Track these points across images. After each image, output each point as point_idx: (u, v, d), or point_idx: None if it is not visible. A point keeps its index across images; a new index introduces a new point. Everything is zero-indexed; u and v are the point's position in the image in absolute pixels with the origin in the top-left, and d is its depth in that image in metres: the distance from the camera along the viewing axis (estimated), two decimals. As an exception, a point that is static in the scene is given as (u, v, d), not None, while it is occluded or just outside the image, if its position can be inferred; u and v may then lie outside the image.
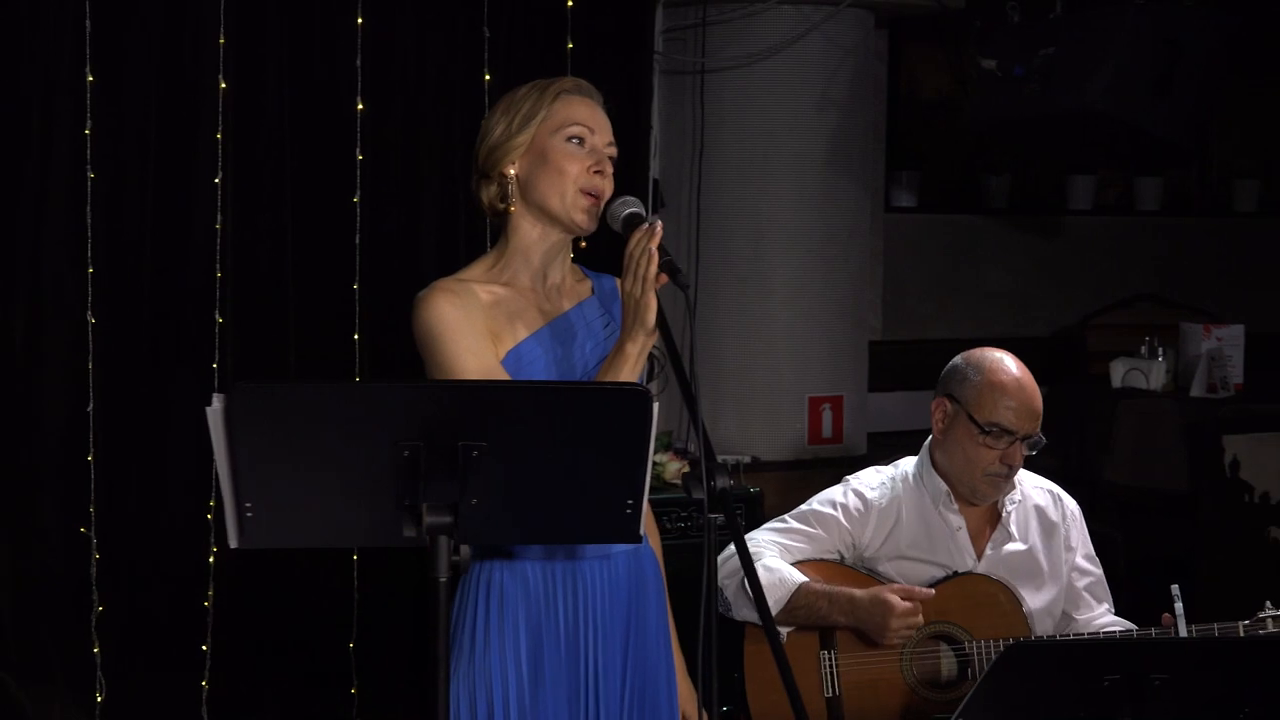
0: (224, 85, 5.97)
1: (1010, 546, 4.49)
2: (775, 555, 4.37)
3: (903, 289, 8.26)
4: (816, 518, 4.47)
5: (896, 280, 8.21)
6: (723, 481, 3.03)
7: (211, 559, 6.03)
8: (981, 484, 4.41)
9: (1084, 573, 4.59)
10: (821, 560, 4.44)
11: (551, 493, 2.94)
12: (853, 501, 4.48)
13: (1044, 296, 8.62)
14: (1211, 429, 6.82)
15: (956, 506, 4.46)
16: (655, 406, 2.88)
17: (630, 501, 2.95)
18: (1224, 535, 6.78)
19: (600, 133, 3.55)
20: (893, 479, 4.55)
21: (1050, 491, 4.62)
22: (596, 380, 3.39)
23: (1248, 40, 6.67)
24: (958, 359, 4.50)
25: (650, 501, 3.11)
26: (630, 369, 3.31)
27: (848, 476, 4.61)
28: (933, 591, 4.30)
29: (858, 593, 4.27)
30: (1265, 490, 6.82)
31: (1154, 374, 7.25)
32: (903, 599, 4.24)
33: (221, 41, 5.95)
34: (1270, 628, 4.25)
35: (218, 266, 6.00)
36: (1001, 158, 8.62)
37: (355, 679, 6.27)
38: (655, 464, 5.86)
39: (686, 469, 6.07)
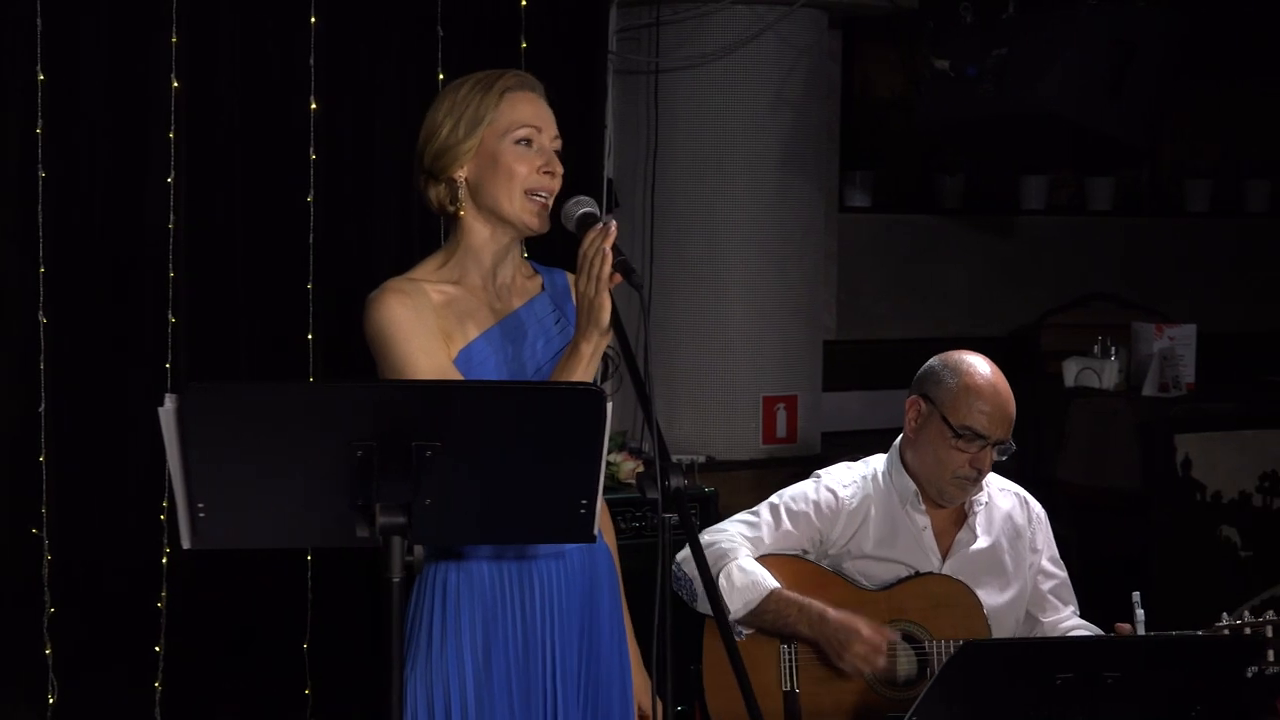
0: (176, 84, 5.94)
1: (975, 547, 4.50)
2: (748, 553, 4.38)
3: (857, 289, 8.27)
4: (789, 513, 4.48)
5: (851, 280, 8.22)
6: (677, 481, 3.03)
7: (165, 559, 6.01)
8: (949, 486, 4.42)
9: (1049, 575, 4.60)
10: (787, 555, 4.45)
11: (506, 493, 2.93)
12: (825, 499, 4.49)
13: (999, 296, 8.65)
14: (1163, 428, 6.84)
15: (924, 507, 4.47)
16: (609, 406, 2.88)
17: (585, 501, 2.95)
18: (1176, 534, 6.80)
19: (546, 128, 3.54)
20: (864, 478, 4.55)
21: (1017, 494, 4.64)
22: (550, 380, 3.40)
23: (1199, 41, 6.69)
24: (934, 360, 4.51)
25: (605, 501, 3.10)
26: (584, 368, 3.31)
27: (819, 472, 4.61)
28: (896, 636, 4.31)
29: (831, 611, 4.27)
30: (1217, 489, 6.85)
31: (1107, 373, 7.26)
32: (871, 633, 4.26)
33: (174, 40, 5.93)
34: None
35: (170, 266, 5.98)
36: (955, 158, 8.64)
37: (309, 680, 6.25)
38: (610, 464, 5.88)
39: (641, 469, 6.05)
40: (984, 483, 4.51)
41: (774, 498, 4.54)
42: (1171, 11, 6.19)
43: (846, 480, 4.55)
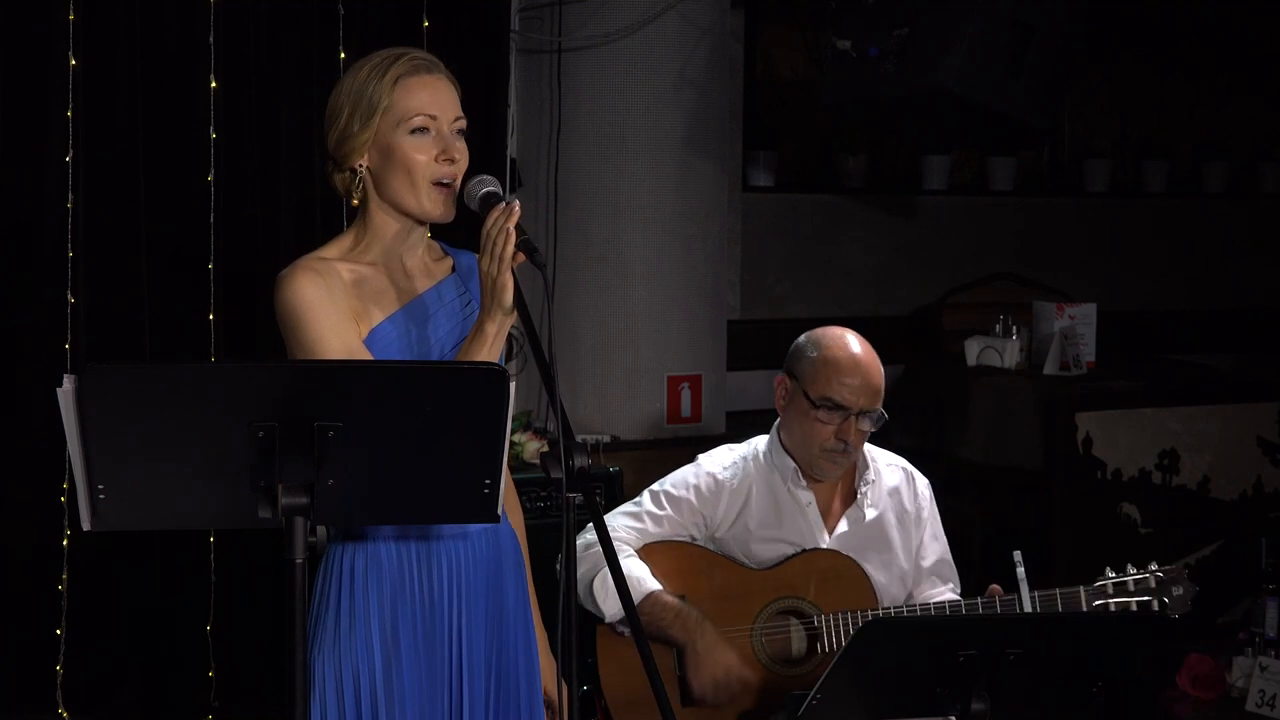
0: (74, 62, 5.89)
1: (861, 523, 4.55)
2: (630, 553, 4.41)
3: (761, 268, 8.28)
4: (669, 499, 4.52)
5: (754, 260, 8.24)
6: (581, 461, 3.04)
7: (65, 542, 5.96)
8: (820, 459, 4.46)
9: (930, 551, 4.65)
10: (674, 541, 4.47)
11: (409, 473, 2.93)
12: (704, 482, 4.53)
13: (901, 275, 8.68)
14: (1064, 407, 6.90)
15: (805, 483, 4.51)
16: (512, 386, 2.88)
17: (488, 481, 2.95)
18: (1077, 512, 6.86)
19: (444, 113, 3.48)
20: (744, 458, 4.60)
21: (904, 469, 4.69)
22: (454, 360, 3.38)
23: (1099, 22, 6.74)
24: (801, 337, 4.58)
25: (513, 481, 3.09)
26: (488, 349, 3.30)
27: (700, 456, 4.66)
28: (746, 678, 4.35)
29: (710, 628, 4.32)
30: (1117, 467, 6.91)
31: (1008, 352, 7.31)
32: (736, 678, 4.30)
33: (71, 18, 5.87)
34: (1111, 592, 4.34)
35: (69, 246, 5.93)
36: (858, 138, 8.67)
37: (212, 662, 6.22)
38: (514, 444, 5.87)
39: (545, 448, 6.05)
40: (871, 458, 4.56)
41: (655, 485, 4.59)
42: (1071, -7, 6.23)
43: (726, 462, 4.60)
